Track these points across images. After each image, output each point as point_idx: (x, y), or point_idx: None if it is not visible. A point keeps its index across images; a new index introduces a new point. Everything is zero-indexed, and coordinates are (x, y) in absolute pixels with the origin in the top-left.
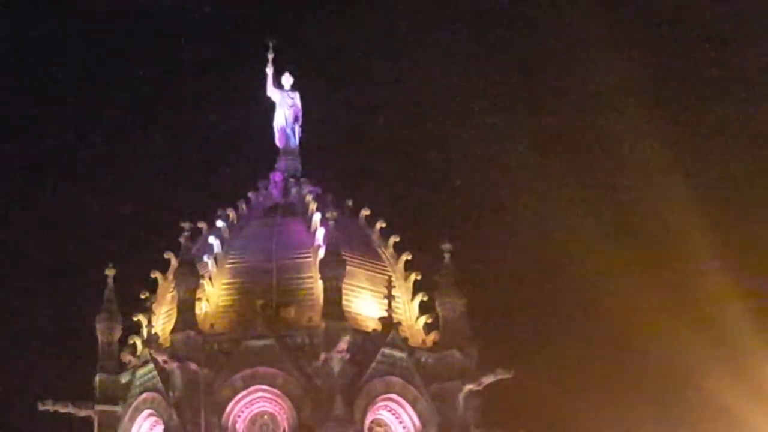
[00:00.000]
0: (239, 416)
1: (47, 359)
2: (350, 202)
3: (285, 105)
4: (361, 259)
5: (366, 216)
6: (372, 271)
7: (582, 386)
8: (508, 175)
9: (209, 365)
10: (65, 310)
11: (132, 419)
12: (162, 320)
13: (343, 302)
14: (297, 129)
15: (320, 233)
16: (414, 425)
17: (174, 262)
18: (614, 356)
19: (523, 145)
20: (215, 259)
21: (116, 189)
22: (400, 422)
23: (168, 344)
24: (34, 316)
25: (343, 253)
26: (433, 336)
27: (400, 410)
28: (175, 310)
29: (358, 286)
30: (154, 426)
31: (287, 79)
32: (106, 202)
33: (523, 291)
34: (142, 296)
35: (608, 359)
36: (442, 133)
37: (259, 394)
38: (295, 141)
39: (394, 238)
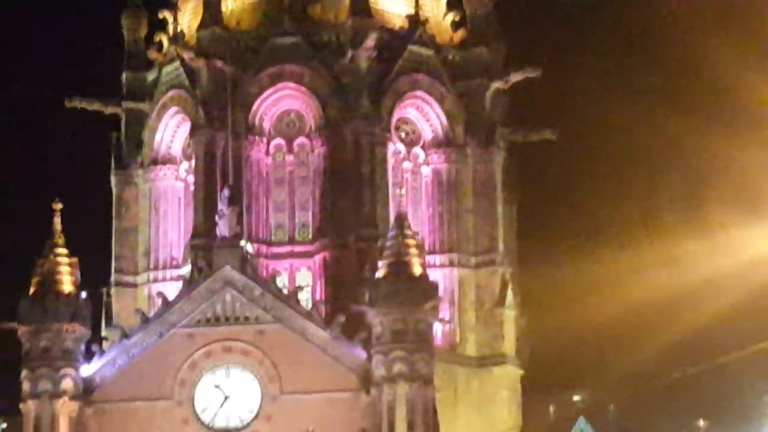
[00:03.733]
0: (266, 114)
1: (74, 57)
2: None
3: None
4: None
5: None
6: None
7: (610, 87)
8: None
9: (235, 62)
10: (91, 8)
11: (159, 116)
12: (188, 17)
13: None
14: None
15: None
16: (440, 123)
17: None
18: (643, 54)
19: None
20: None
21: None
22: (427, 120)
23: (194, 41)
24: (60, 16)
25: None
26: (460, 33)
27: (426, 108)
28: (201, 6)
29: None
30: (181, 123)
31: None
32: None
33: None
34: None
35: (638, 55)
36: None
37: (287, 91)
38: None
39: None
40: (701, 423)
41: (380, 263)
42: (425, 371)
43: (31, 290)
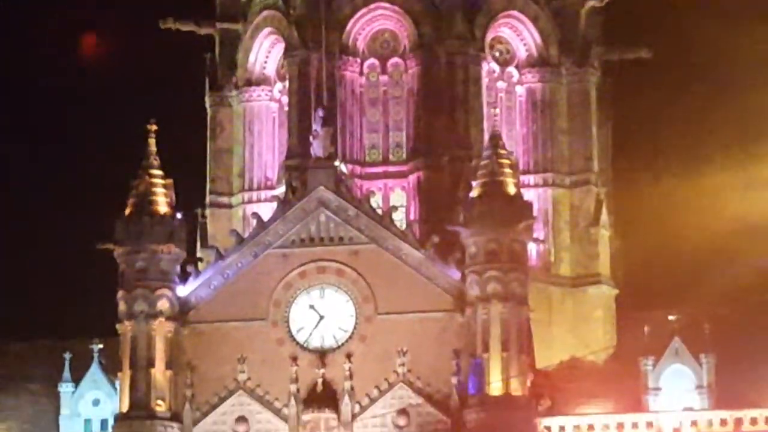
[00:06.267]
0: (360, 34)
1: None
2: None
3: None
4: None
5: None
6: None
7: (706, 3)
8: None
9: None
10: None
11: (253, 37)
12: None
13: None
14: None
15: None
16: (535, 42)
17: None
18: None
19: None
20: None
21: None
22: (521, 39)
23: None
24: None
25: None
26: None
27: (520, 27)
28: None
29: None
30: (275, 44)
31: None
32: None
33: None
34: None
35: None
36: None
37: (380, 11)
38: None
39: None
40: None
41: (474, 183)
42: (519, 291)
43: (127, 211)
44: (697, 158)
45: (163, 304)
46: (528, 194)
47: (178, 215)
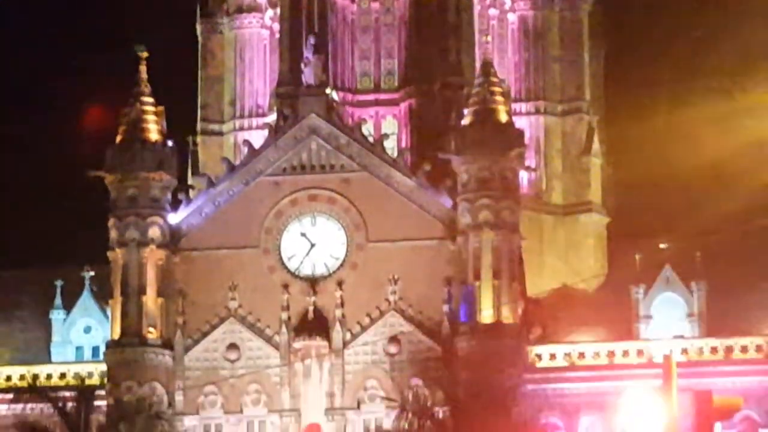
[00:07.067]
0: None
1: None
2: None
3: None
4: None
5: None
6: None
7: None
8: None
9: None
10: None
11: None
12: None
13: None
14: None
15: None
16: None
17: None
18: None
19: None
20: None
21: None
22: None
23: None
24: None
25: None
26: None
27: None
28: None
29: None
30: None
31: None
32: None
33: None
34: None
35: None
36: None
37: None
38: None
39: None
40: None
41: (466, 111)
42: (511, 219)
43: (118, 139)
44: (689, 86)
45: (154, 232)
46: (520, 122)
47: (169, 143)
